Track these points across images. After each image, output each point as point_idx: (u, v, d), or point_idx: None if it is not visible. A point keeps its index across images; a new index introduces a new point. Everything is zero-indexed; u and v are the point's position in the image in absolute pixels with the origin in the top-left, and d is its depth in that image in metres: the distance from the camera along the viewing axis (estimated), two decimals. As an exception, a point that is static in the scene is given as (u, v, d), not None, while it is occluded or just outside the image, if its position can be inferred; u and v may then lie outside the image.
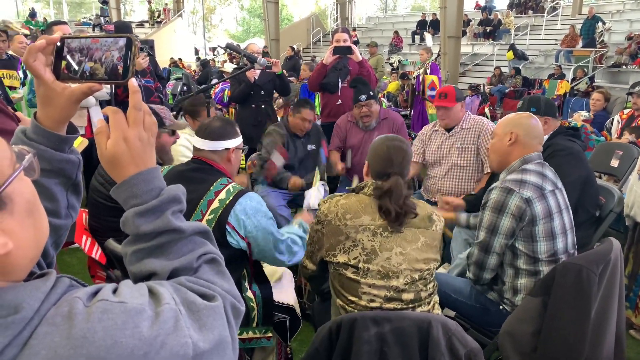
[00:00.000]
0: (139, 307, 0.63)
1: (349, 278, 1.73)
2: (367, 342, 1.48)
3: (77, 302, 0.61)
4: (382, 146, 1.83)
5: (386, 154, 1.80)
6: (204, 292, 0.75)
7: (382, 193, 1.73)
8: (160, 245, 0.81)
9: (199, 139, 1.97)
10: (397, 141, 1.83)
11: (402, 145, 1.82)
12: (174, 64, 13.99)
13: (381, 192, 1.73)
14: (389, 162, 1.78)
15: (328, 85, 4.31)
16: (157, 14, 22.64)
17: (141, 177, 0.80)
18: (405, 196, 1.73)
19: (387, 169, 1.77)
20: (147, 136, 0.82)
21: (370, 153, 1.87)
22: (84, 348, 0.58)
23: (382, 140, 1.86)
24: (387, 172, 1.77)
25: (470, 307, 2.22)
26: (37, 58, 0.82)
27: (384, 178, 1.76)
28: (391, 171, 1.76)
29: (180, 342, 0.65)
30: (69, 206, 0.95)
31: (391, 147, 1.80)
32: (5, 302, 0.58)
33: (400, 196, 1.71)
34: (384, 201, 1.72)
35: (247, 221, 1.81)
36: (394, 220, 1.71)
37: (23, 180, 0.65)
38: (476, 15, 18.37)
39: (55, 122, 0.87)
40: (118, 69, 0.83)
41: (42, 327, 0.58)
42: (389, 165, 1.77)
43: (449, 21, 10.78)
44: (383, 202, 1.72)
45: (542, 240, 2.01)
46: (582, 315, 1.71)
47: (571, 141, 2.67)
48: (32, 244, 0.66)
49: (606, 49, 12.87)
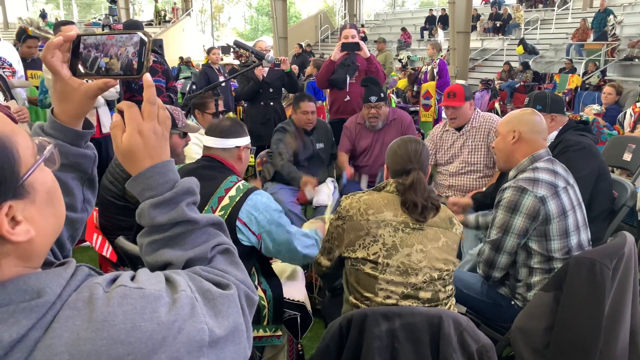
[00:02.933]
0: (157, 293, 0.65)
1: (367, 273, 1.72)
2: (378, 337, 1.48)
3: (97, 287, 0.63)
4: (399, 146, 1.86)
5: (404, 152, 1.82)
6: (218, 281, 0.76)
7: (405, 188, 1.75)
8: (175, 236, 0.83)
9: (209, 138, 1.98)
10: (412, 140, 1.88)
11: (417, 144, 1.86)
12: (185, 63, 14.03)
13: (404, 187, 1.75)
14: (407, 160, 1.80)
15: (336, 82, 4.30)
16: (164, 13, 22.68)
17: (156, 169, 0.82)
18: (429, 189, 1.75)
19: (406, 166, 1.80)
20: (162, 130, 0.84)
21: (388, 156, 1.90)
22: (104, 331, 0.59)
23: (397, 142, 1.90)
24: (407, 169, 1.79)
25: (482, 302, 2.20)
26: (55, 55, 0.84)
27: (404, 176, 1.78)
28: (411, 167, 1.78)
29: (197, 327, 0.66)
30: (85, 200, 0.97)
31: (408, 146, 1.84)
32: (29, 287, 0.60)
33: (425, 189, 1.74)
34: (409, 195, 1.73)
35: (259, 216, 1.81)
36: (419, 214, 1.71)
37: (44, 171, 0.67)
38: (486, 10, 18.22)
39: (72, 117, 0.89)
40: (133, 64, 0.84)
41: (64, 312, 0.60)
42: (408, 163, 1.80)
43: (458, 16, 10.69)
44: (408, 195, 1.73)
45: (556, 239, 1.98)
46: (595, 310, 1.69)
47: (582, 135, 2.63)
48: (51, 232, 0.68)
49: (618, 42, 12.69)
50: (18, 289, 0.60)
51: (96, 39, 0.86)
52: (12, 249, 0.61)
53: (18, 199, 0.61)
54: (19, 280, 0.61)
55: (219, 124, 2.02)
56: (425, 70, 7.39)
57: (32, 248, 0.64)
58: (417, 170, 1.77)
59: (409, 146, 1.83)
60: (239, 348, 0.73)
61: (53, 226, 0.69)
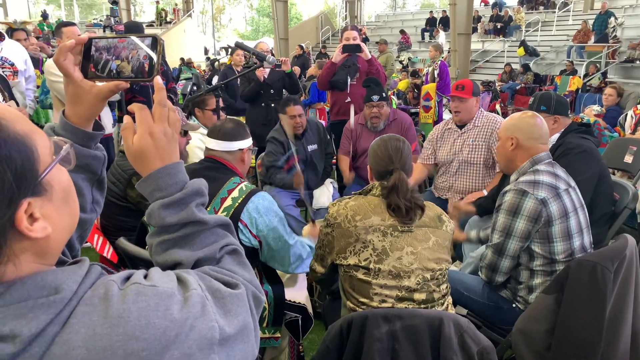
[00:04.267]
0: (170, 291, 0.66)
1: (360, 279, 1.72)
2: (379, 339, 1.47)
3: (112, 285, 0.65)
4: (379, 147, 1.86)
5: (384, 152, 1.82)
6: (227, 281, 0.78)
7: (388, 190, 1.74)
8: (184, 236, 0.84)
9: (212, 140, 1.98)
10: (392, 139, 1.87)
11: (398, 142, 1.85)
12: (186, 64, 14.04)
13: (387, 189, 1.74)
14: (388, 160, 1.80)
15: (337, 83, 4.30)
16: (165, 14, 22.70)
17: (166, 170, 0.84)
18: (412, 190, 1.74)
19: (388, 166, 1.79)
20: (172, 132, 0.86)
21: (370, 156, 1.90)
22: (120, 327, 0.60)
23: (377, 141, 1.89)
24: (389, 170, 1.78)
25: (483, 304, 2.20)
26: (67, 57, 0.85)
27: (387, 176, 1.78)
28: (392, 168, 1.78)
29: (208, 325, 0.67)
30: (94, 201, 0.99)
31: (388, 146, 1.83)
32: (47, 283, 0.62)
33: (407, 190, 1.72)
34: (392, 198, 1.72)
35: (259, 219, 1.82)
36: (404, 216, 1.70)
37: (60, 170, 0.69)
38: (486, 11, 18.23)
39: (83, 119, 0.91)
40: (144, 67, 0.86)
41: (81, 308, 0.62)
42: (390, 163, 1.79)
43: (458, 18, 10.69)
44: (391, 198, 1.72)
45: (559, 241, 1.98)
46: (597, 312, 1.68)
47: (584, 138, 2.62)
48: (66, 230, 0.70)
49: (619, 44, 12.70)
50: (36, 285, 0.61)
51: (108, 42, 0.87)
52: (29, 245, 0.63)
53: (36, 196, 0.63)
54: (36, 276, 0.62)
55: (222, 127, 2.01)
56: (426, 71, 7.40)
57: (48, 245, 0.65)
58: (398, 170, 1.76)
59: (389, 145, 1.83)
60: (247, 347, 0.74)
61: (68, 224, 0.70)
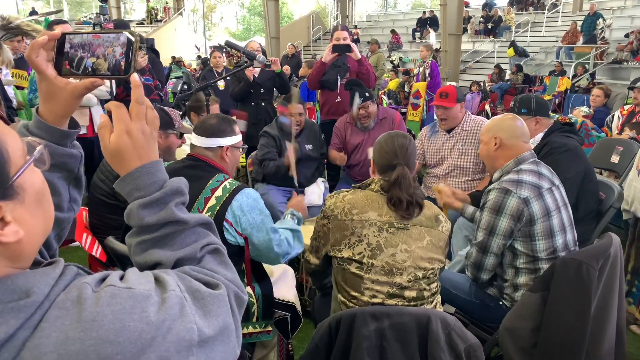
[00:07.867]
0: (146, 293, 0.65)
1: (353, 273, 1.73)
2: (367, 337, 1.48)
3: (86, 287, 0.63)
4: (386, 141, 1.86)
5: (390, 147, 1.82)
6: (208, 281, 0.76)
7: (390, 184, 1.75)
8: (164, 236, 0.82)
9: (194, 135, 1.97)
10: (399, 136, 1.87)
11: (404, 139, 1.86)
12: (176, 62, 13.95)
13: (389, 183, 1.75)
14: (393, 155, 1.80)
15: (327, 83, 4.30)
16: (155, 12, 22.52)
17: (145, 169, 0.82)
18: (414, 186, 1.75)
19: (392, 161, 1.80)
20: (150, 130, 0.83)
21: (374, 151, 1.90)
22: (93, 331, 0.59)
23: (384, 136, 1.90)
24: (393, 164, 1.79)
25: (470, 302, 2.22)
26: (40, 54, 0.83)
27: (390, 171, 1.78)
28: (396, 162, 1.78)
29: (186, 327, 0.66)
30: (71, 200, 0.97)
31: (395, 141, 1.84)
32: (17, 287, 0.60)
33: (410, 185, 1.73)
34: (394, 191, 1.73)
35: (242, 218, 1.81)
36: (404, 210, 1.71)
37: (34, 171, 0.67)
38: (477, 12, 18.32)
39: (58, 116, 0.88)
40: (120, 64, 0.84)
41: (53, 311, 0.60)
42: (394, 158, 1.80)
43: (449, 18, 10.73)
44: (393, 192, 1.73)
45: (541, 239, 2.01)
46: (582, 310, 1.71)
47: (568, 137, 2.65)
48: (40, 233, 0.68)
49: (607, 45, 12.83)
50: (6, 288, 0.60)
51: (82, 38, 0.85)
52: (1, 250, 0.61)
53: (7, 199, 0.61)
54: (6, 280, 0.60)
55: (205, 121, 1.99)
56: (417, 71, 7.44)
57: (20, 249, 0.63)
58: (402, 165, 1.77)
59: (396, 141, 1.83)
60: (228, 347, 0.73)
61: (42, 227, 0.69)
